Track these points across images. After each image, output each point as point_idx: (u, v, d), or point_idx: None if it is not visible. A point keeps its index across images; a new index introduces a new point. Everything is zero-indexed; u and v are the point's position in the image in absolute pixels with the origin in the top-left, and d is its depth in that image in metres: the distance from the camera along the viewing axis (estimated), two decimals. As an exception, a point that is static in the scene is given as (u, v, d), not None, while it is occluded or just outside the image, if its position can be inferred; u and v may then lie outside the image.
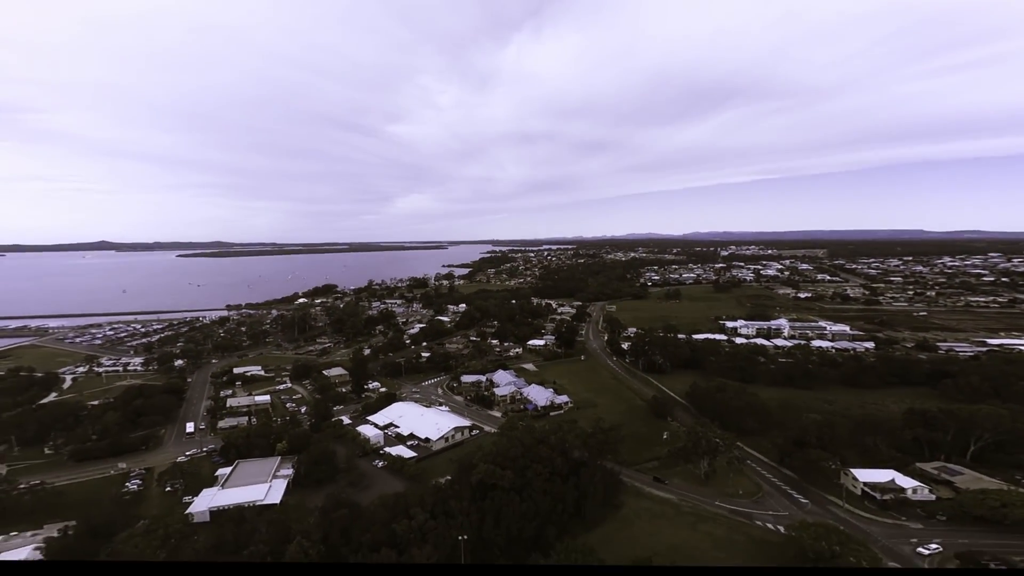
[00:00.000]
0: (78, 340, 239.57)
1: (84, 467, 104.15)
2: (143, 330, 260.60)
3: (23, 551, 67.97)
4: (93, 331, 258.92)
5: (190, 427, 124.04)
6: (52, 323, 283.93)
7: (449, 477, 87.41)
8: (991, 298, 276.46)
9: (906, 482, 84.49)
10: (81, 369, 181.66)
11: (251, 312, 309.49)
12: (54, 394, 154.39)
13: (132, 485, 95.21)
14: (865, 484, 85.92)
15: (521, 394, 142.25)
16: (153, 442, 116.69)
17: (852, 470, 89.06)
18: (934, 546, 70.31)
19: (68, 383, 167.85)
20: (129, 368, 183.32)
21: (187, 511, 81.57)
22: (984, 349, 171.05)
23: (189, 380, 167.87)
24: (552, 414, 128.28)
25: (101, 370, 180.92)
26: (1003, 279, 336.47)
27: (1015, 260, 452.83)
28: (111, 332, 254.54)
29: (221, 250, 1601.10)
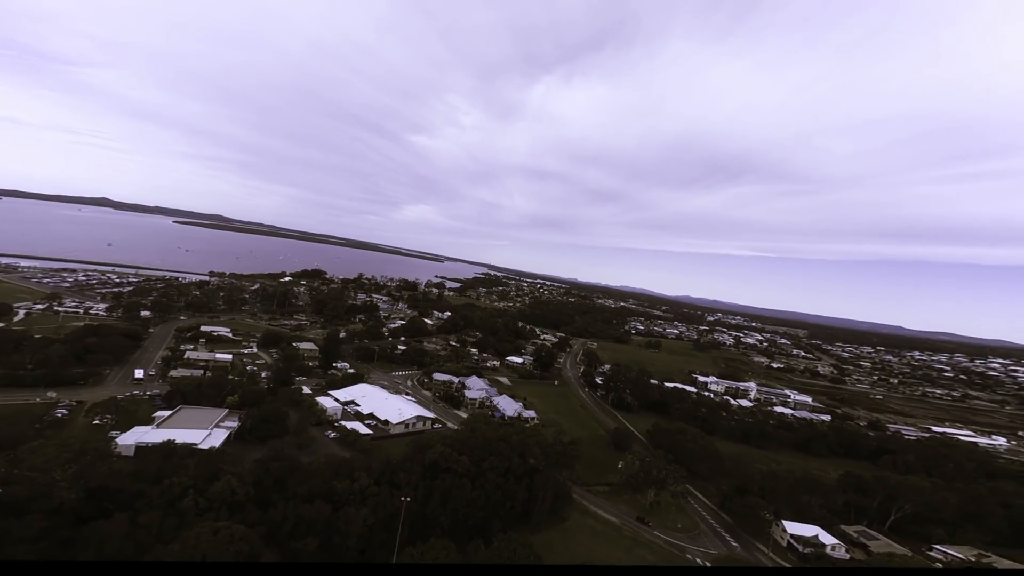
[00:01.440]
0: (45, 281, 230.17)
1: (9, 392, 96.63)
2: (117, 280, 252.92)
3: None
4: (64, 275, 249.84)
5: (139, 373, 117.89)
6: (24, 263, 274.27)
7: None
8: (947, 391, 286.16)
9: (828, 539, 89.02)
10: (39, 306, 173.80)
11: (233, 281, 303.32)
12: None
13: (58, 413, 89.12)
14: (792, 536, 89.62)
15: (491, 401, 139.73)
16: (94, 379, 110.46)
17: (783, 522, 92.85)
18: None
19: (20, 317, 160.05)
20: (91, 312, 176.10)
21: (112, 442, 76.45)
22: (927, 434, 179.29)
23: (151, 331, 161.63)
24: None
25: (60, 309, 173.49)
26: (961, 376, 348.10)
27: (977, 361, 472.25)
28: (83, 278, 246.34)
29: (219, 223, 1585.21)
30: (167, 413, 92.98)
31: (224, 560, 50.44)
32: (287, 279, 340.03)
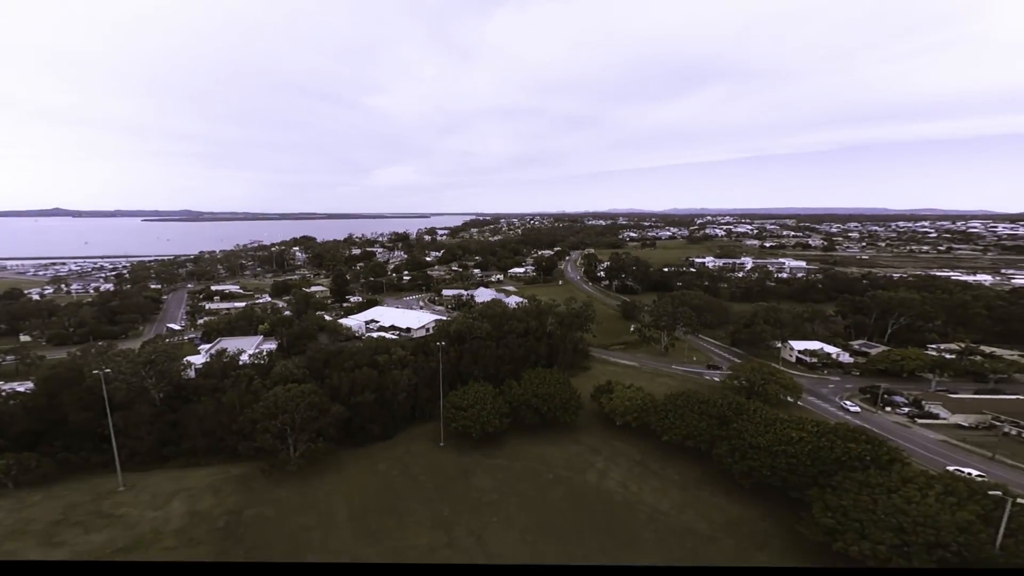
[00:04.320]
0: (41, 274, 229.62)
1: (64, 349, 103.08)
2: (111, 267, 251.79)
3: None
4: (57, 268, 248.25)
5: (171, 326, 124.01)
6: (9, 264, 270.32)
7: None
8: (932, 247, 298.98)
9: (832, 350, 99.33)
10: (48, 290, 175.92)
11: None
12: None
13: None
14: (799, 352, 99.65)
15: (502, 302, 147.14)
16: (132, 333, 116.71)
17: (790, 342, 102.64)
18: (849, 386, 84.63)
19: (35, 299, 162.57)
20: (100, 291, 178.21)
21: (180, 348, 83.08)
22: (912, 275, 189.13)
23: (164, 297, 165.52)
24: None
25: (69, 289, 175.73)
26: (945, 235, 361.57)
27: (959, 223, 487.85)
28: (76, 267, 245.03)
29: (190, 217, 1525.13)
30: (209, 345, 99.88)
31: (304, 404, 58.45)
32: (280, 245, 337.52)
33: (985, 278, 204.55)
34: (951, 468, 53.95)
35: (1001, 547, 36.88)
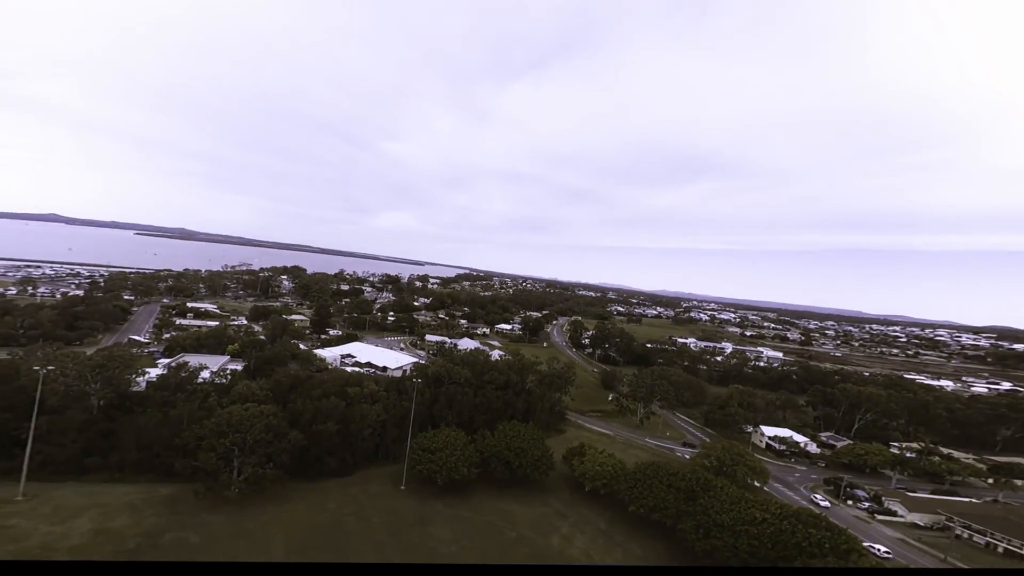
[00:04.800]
0: (11, 274, 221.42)
1: (7, 349, 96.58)
2: (87, 275, 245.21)
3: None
4: (31, 270, 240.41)
5: (134, 337, 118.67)
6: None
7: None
8: (901, 351, 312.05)
9: (800, 439, 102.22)
10: (11, 291, 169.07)
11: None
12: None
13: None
14: (769, 438, 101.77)
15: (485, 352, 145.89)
16: (89, 341, 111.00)
17: (761, 427, 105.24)
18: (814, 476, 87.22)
19: None
20: (68, 296, 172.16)
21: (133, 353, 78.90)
22: (881, 375, 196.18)
23: (134, 309, 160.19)
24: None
25: (35, 292, 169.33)
26: (914, 340, 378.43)
27: (928, 331, 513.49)
28: (51, 272, 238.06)
29: (185, 236, 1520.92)
30: (169, 360, 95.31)
31: (257, 426, 55.36)
32: (267, 272, 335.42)
33: (948, 383, 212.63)
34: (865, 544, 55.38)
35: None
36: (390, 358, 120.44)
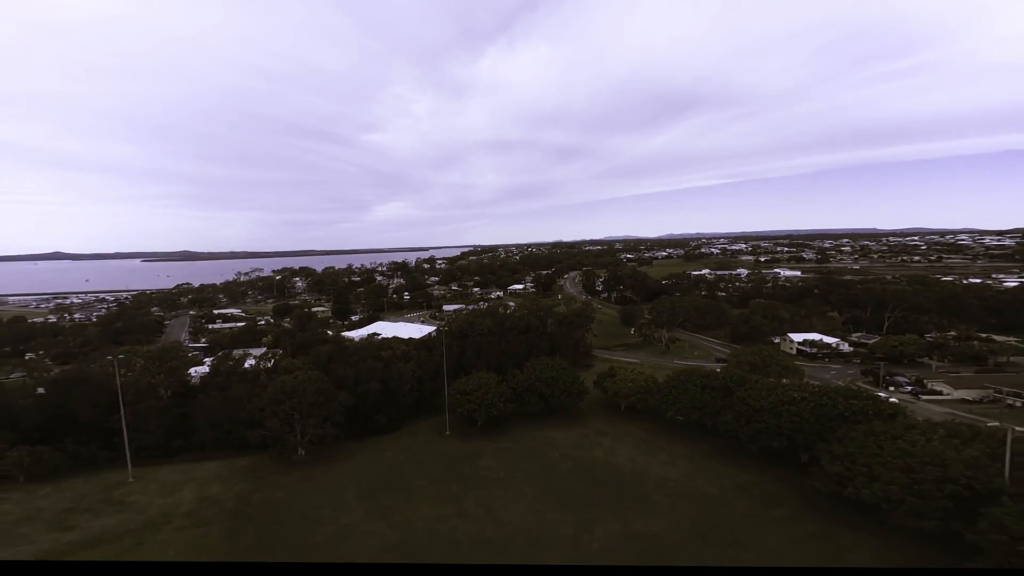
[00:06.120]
0: (43, 306, 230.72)
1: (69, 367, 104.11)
2: (112, 300, 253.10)
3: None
4: (59, 301, 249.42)
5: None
6: (11, 299, 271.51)
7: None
8: (923, 257, 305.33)
9: (831, 340, 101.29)
10: (52, 319, 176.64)
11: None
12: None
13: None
14: (799, 343, 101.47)
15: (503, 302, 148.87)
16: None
17: (789, 334, 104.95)
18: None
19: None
20: (108, 314, 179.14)
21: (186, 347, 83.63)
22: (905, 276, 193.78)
23: (167, 322, 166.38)
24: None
25: (72, 317, 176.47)
26: (935, 247, 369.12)
27: (948, 236, 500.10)
28: (79, 301, 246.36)
29: (188, 258, 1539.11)
30: (212, 359, 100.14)
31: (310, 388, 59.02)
32: (281, 273, 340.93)
33: (976, 281, 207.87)
34: None
35: (1010, 479, 37.26)
36: (413, 331, 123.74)
